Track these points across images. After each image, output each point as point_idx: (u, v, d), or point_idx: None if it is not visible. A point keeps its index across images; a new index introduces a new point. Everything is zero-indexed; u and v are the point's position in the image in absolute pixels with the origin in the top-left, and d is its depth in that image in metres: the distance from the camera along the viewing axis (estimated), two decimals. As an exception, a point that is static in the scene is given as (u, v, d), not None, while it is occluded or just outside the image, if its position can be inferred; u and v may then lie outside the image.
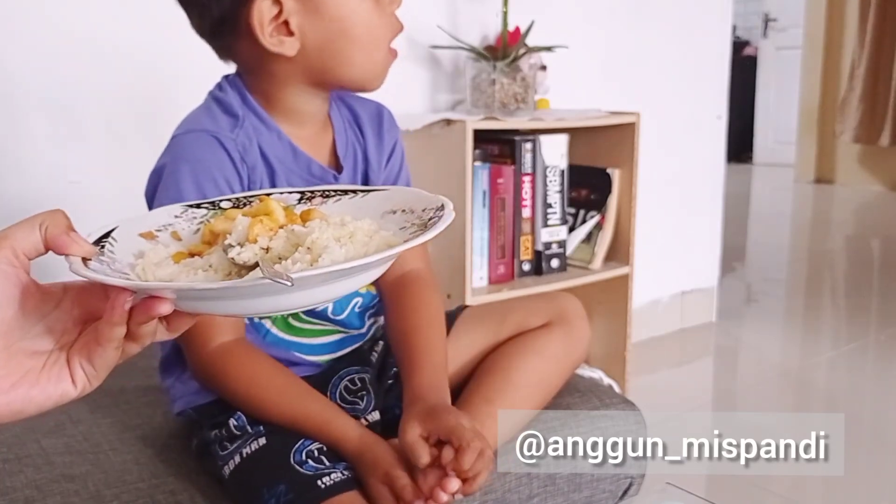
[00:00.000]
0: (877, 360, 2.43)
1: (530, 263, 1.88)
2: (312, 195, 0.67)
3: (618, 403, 1.09)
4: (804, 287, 3.41)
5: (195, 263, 0.56)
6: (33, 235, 0.51)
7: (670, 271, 2.55)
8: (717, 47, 2.56)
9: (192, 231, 0.63)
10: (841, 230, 4.67)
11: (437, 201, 0.61)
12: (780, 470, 1.98)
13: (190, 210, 0.65)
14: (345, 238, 0.56)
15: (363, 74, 0.88)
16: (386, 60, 0.89)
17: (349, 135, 0.97)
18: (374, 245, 0.56)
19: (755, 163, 6.74)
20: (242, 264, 0.54)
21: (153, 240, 0.60)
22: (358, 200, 0.66)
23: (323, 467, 0.81)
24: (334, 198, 0.66)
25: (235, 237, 0.56)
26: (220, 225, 0.59)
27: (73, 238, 0.52)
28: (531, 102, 1.86)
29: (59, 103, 1.49)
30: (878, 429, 1.98)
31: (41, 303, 0.53)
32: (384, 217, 0.63)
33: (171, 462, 0.90)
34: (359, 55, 0.86)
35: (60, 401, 0.53)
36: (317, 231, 0.55)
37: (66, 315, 0.54)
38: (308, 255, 0.53)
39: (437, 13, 1.93)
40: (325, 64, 0.87)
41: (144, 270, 0.55)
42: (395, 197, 0.65)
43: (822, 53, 5.71)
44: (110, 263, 0.55)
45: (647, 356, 2.37)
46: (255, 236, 0.55)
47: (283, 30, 0.84)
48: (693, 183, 2.57)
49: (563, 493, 1.01)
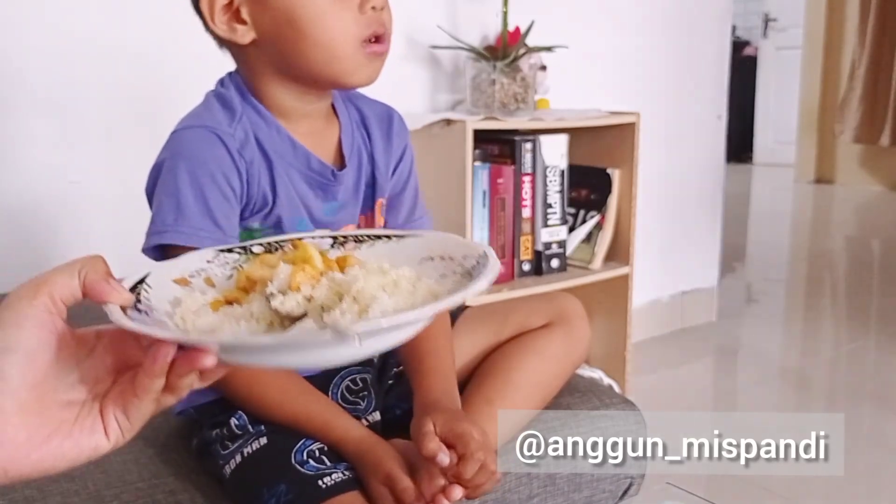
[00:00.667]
0: (877, 360, 2.43)
1: (530, 263, 1.88)
2: (345, 240, 0.65)
3: (618, 403, 1.09)
4: (804, 287, 3.42)
5: (235, 312, 0.55)
6: (72, 282, 0.50)
7: (670, 271, 2.55)
8: (717, 47, 2.56)
9: (225, 276, 0.62)
10: (841, 230, 4.67)
11: (478, 249, 0.60)
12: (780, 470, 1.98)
13: (222, 255, 0.64)
14: (389, 287, 0.54)
15: (328, 69, 0.84)
16: (356, 57, 0.84)
17: (356, 135, 0.96)
18: (421, 294, 0.55)
19: (755, 163, 6.74)
20: (286, 314, 0.53)
21: (187, 286, 0.59)
22: (393, 246, 0.65)
23: (324, 467, 0.81)
24: (367, 243, 0.65)
25: (277, 285, 0.55)
26: (257, 271, 0.58)
27: (112, 286, 0.51)
28: (531, 102, 1.86)
29: (59, 103, 1.49)
30: (878, 429, 1.98)
31: (75, 351, 0.52)
32: (422, 264, 0.61)
33: (171, 462, 0.90)
34: (314, 50, 0.83)
35: (92, 455, 0.51)
36: (361, 280, 0.54)
37: (99, 363, 0.52)
38: (356, 306, 0.52)
39: (437, 13, 1.93)
40: (283, 55, 0.85)
41: (184, 319, 0.54)
42: (432, 243, 0.64)
43: (822, 53, 5.71)
44: (148, 312, 0.53)
45: (647, 356, 2.37)
46: (298, 284, 0.54)
47: (235, 17, 0.84)
48: (693, 183, 2.57)
49: (563, 493, 1.01)
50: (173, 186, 0.83)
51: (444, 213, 1.71)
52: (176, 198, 0.83)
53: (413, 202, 1.01)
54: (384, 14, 0.84)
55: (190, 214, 0.82)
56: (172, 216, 0.82)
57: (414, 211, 1.01)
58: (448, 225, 1.71)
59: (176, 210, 0.82)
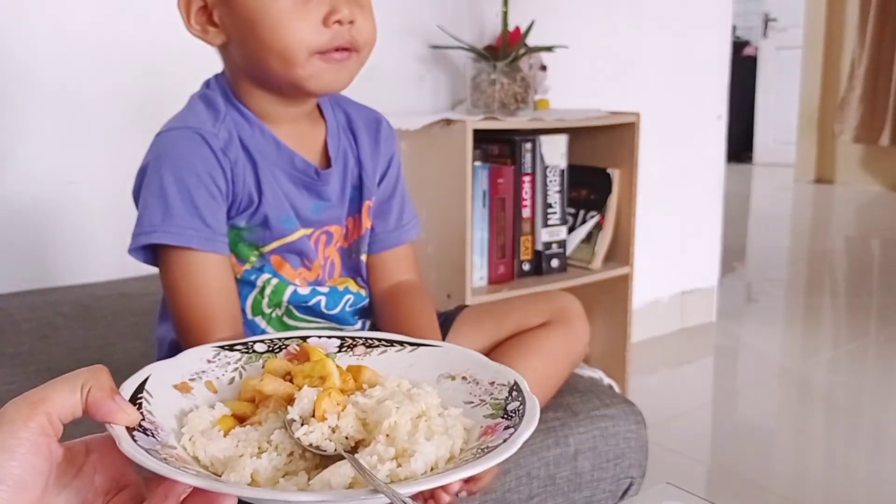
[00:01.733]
0: (877, 360, 2.43)
1: (530, 263, 1.88)
2: (354, 343, 0.63)
3: (618, 403, 1.09)
4: (804, 287, 3.41)
5: (250, 437, 0.51)
6: (73, 398, 0.44)
7: (670, 271, 2.55)
8: (717, 47, 2.56)
9: (227, 381, 0.59)
10: (841, 230, 4.67)
11: (507, 376, 0.57)
12: (781, 470, 1.99)
13: (222, 353, 0.61)
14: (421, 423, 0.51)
15: (286, 76, 0.84)
16: (313, 65, 0.83)
17: (342, 138, 0.96)
18: (458, 434, 0.52)
19: (755, 163, 6.74)
20: (308, 446, 0.50)
21: (189, 392, 0.56)
22: (406, 356, 0.62)
23: None
24: (378, 349, 0.63)
25: (298, 411, 0.51)
26: (269, 386, 0.55)
27: (118, 404, 0.46)
28: (531, 102, 1.85)
29: (60, 103, 1.49)
30: (878, 429, 1.98)
31: (64, 473, 0.46)
32: (440, 382, 0.59)
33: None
34: (270, 56, 0.83)
35: None
36: (394, 413, 0.51)
37: (86, 485, 0.46)
38: (392, 449, 0.49)
39: (437, 13, 1.93)
40: (247, 60, 0.86)
41: (193, 443, 0.50)
42: (451, 358, 0.61)
43: (822, 53, 5.71)
44: (154, 431, 0.49)
45: (647, 356, 2.37)
46: (323, 414, 0.51)
47: (209, 20, 0.85)
48: (693, 183, 2.57)
49: (563, 493, 1.01)
50: (159, 187, 0.83)
51: (444, 213, 1.71)
52: (162, 198, 0.83)
53: (401, 207, 1.02)
54: (354, 28, 0.84)
55: (177, 214, 0.83)
56: (160, 216, 0.83)
57: (402, 216, 1.02)
58: (448, 225, 1.71)
59: (163, 210, 0.83)
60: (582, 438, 1.03)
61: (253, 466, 0.48)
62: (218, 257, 0.85)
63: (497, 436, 0.50)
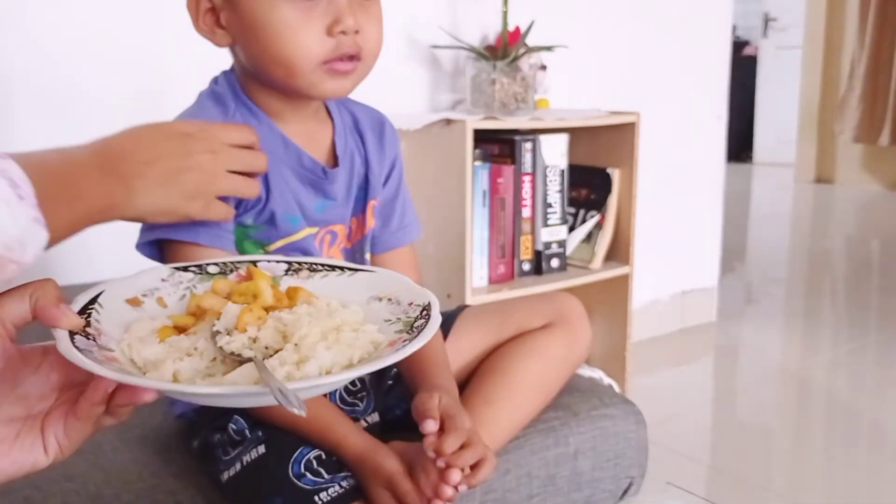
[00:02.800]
0: (877, 360, 2.43)
1: (530, 263, 1.88)
2: (300, 267, 0.68)
3: (618, 403, 1.09)
4: (804, 287, 3.41)
5: (181, 343, 0.57)
6: (22, 305, 0.51)
7: (670, 271, 2.55)
8: (717, 47, 2.56)
9: (177, 297, 0.64)
10: (841, 230, 4.67)
11: (424, 297, 0.62)
12: (781, 470, 1.99)
13: (177, 273, 0.65)
14: (331, 334, 0.57)
15: (288, 83, 0.85)
16: (316, 74, 0.83)
17: (349, 138, 0.96)
18: (360, 346, 0.57)
19: (755, 163, 6.74)
20: (230, 353, 0.55)
21: (139, 306, 0.61)
22: (345, 279, 0.67)
23: (322, 481, 0.80)
24: (321, 273, 0.68)
25: (224, 324, 0.57)
26: (207, 301, 0.60)
27: (62, 311, 0.52)
28: (531, 102, 1.86)
29: (59, 103, 1.49)
30: (878, 429, 1.98)
31: (20, 369, 0.53)
32: (370, 303, 0.64)
33: (171, 462, 0.90)
34: (273, 64, 0.83)
35: (31, 470, 0.53)
36: (305, 326, 0.56)
37: (43, 380, 0.54)
38: (296, 355, 0.54)
39: (437, 13, 1.93)
40: (252, 63, 0.86)
41: (130, 347, 0.56)
42: (382, 282, 0.66)
43: (822, 53, 5.71)
44: (97, 337, 0.55)
45: (647, 356, 2.37)
46: (244, 325, 0.56)
47: (216, 21, 0.85)
48: (693, 183, 2.57)
49: (563, 492, 1.01)
50: None
51: (444, 212, 1.71)
52: None
53: (403, 209, 1.02)
54: (360, 37, 0.83)
55: None
56: None
57: (404, 217, 1.02)
58: (448, 225, 1.71)
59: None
60: (582, 438, 1.03)
61: (175, 367, 0.54)
62: (223, 254, 0.85)
63: (394, 348, 0.56)
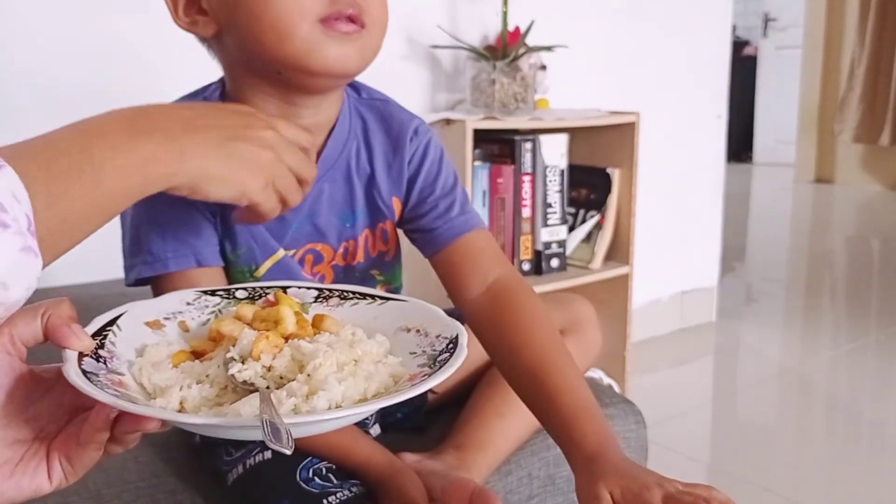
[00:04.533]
0: (877, 360, 2.43)
1: (530, 263, 1.88)
2: (330, 294, 0.66)
3: (618, 403, 1.09)
4: (804, 287, 3.41)
5: (193, 370, 0.55)
6: (34, 324, 0.50)
7: (670, 271, 2.55)
8: (717, 47, 2.56)
9: (200, 322, 0.61)
10: (841, 230, 4.67)
11: (452, 330, 0.59)
12: (781, 470, 1.98)
13: (204, 297, 0.63)
14: (349, 366, 0.54)
15: (281, 52, 0.72)
16: (313, 35, 0.71)
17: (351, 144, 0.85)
18: (378, 380, 0.55)
19: (755, 163, 6.74)
20: (241, 382, 0.53)
21: (160, 329, 0.59)
22: (375, 308, 0.65)
23: (330, 485, 0.79)
24: (351, 301, 0.65)
25: (238, 350, 0.55)
26: (227, 326, 0.58)
27: (73, 331, 0.51)
28: (531, 102, 1.85)
29: (59, 103, 1.49)
30: (878, 429, 1.98)
31: (31, 391, 0.52)
32: (397, 334, 0.61)
33: (171, 461, 0.90)
34: (263, 31, 0.71)
35: (33, 496, 0.51)
36: (321, 356, 0.54)
37: (55, 404, 0.53)
38: (306, 387, 0.52)
39: (437, 13, 1.93)
40: (241, 45, 0.75)
41: (141, 371, 0.54)
42: (412, 312, 0.63)
43: (822, 53, 5.71)
44: (108, 359, 0.53)
45: (647, 356, 2.37)
46: (259, 354, 0.54)
47: (197, 8, 0.76)
48: (693, 183, 2.57)
49: (563, 493, 1.00)
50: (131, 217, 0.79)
51: (444, 212, 1.71)
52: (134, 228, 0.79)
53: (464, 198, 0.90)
54: (362, 2, 0.72)
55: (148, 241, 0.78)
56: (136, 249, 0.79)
57: (465, 205, 0.89)
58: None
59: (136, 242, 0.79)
60: (582, 438, 1.03)
61: (183, 395, 0.52)
62: (203, 270, 0.80)
63: (411, 383, 0.53)
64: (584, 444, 0.67)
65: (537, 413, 0.74)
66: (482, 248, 0.87)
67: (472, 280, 0.84)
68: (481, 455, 0.89)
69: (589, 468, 0.64)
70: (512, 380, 0.77)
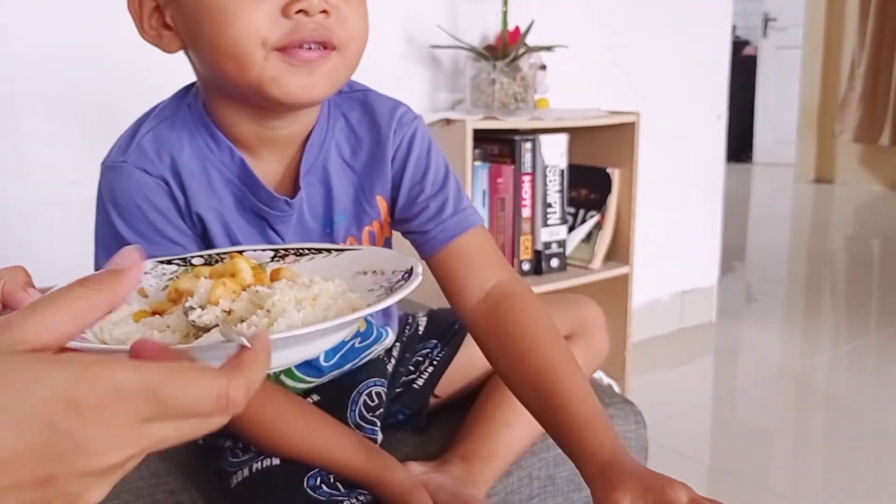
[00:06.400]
0: (877, 360, 2.43)
1: (530, 263, 1.88)
2: (286, 253, 0.66)
3: (618, 403, 1.09)
4: (804, 287, 3.41)
5: (154, 323, 0.56)
6: None
7: (670, 271, 2.55)
8: (717, 47, 2.56)
9: (159, 288, 0.62)
10: (841, 230, 4.66)
11: (406, 263, 0.60)
12: (781, 470, 1.98)
13: (160, 266, 0.64)
14: (307, 301, 0.54)
15: (244, 80, 0.67)
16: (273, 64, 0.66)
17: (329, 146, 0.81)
18: (337, 308, 0.55)
19: (755, 163, 6.74)
20: (202, 327, 0.53)
21: None
22: (331, 259, 0.65)
23: (337, 493, 0.78)
24: (307, 256, 0.65)
25: (197, 299, 0.56)
26: (184, 284, 0.58)
27: (30, 294, 0.52)
28: (531, 102, 1.86)
29: (59, 103, 1.49)
30: (878, 429, 1.98)
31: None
32: (355, 278, 0.61)
33: (171, 461, 0.90)
34: (222, 59, 0.67)
35: None
36: (278, 293, 0.54)
37: None
38: (266, 319, 0.52)
39: (437, 13, 1.93)
40: (204, 66, 0.71)
41: (102, 329, 0.54)
42: (367, 258, 0.64)
43: (822, 53, 5.71)
44: None
45: (647, 356, 2.37)
46: (217, 298, 0.55)
47: (163, 22, 0.72)
48: (693, 183, 2.57)
49: (563, 493, 1.00)
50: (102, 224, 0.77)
51: (444, 212, 1.71)
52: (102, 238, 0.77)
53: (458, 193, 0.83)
54: (334, 20, 0.67)
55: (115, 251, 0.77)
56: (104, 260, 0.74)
57: (459, 202, 0.83)
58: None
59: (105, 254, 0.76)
60: (582, 438, 1.03)
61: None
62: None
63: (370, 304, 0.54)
64: (600, 454, 0.65)
65: (544, 423, 0.72)
66: (479, 250, 0.81)
67: (469, 286, 0.80)
68: (488, 467, 0.88)
69: (606, 476, 0.63)
70: (516, 389, 0.75)
